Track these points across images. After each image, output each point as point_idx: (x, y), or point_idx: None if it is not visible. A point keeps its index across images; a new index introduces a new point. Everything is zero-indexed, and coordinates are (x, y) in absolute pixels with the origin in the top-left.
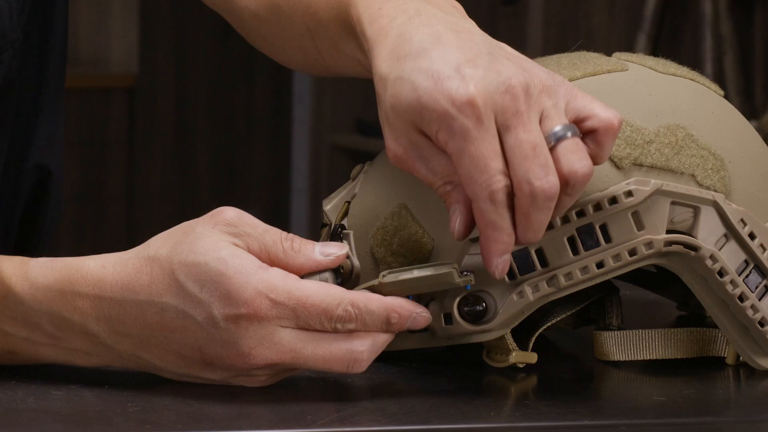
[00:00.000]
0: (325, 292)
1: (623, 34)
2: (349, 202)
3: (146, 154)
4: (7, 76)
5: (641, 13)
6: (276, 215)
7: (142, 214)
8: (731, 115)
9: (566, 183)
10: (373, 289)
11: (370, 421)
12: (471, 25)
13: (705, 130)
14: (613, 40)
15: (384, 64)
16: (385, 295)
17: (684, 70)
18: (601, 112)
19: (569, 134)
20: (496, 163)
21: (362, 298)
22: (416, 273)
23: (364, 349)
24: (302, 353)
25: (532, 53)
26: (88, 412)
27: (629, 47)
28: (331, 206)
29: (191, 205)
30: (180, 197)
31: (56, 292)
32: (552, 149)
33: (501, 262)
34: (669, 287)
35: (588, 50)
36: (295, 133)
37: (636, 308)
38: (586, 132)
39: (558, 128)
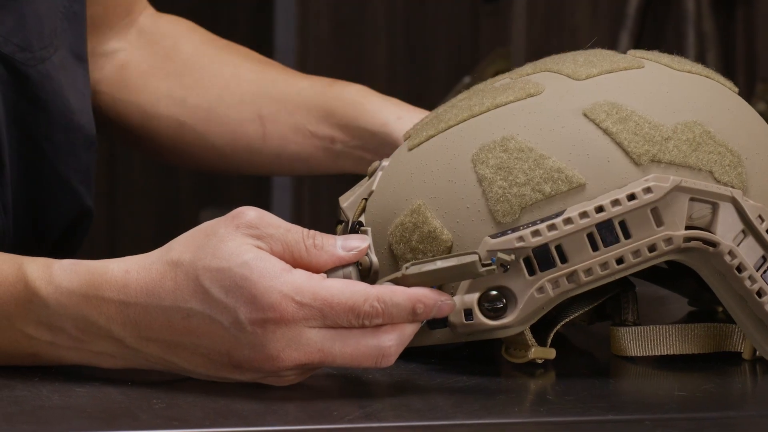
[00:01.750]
0: (350, 290)
1: (606, 32)
2: (366, 199)
3: (126, 152)
4: (39, 95)
5: (624, 11)
6: None
7: (123, 211)
8: (746, 112)
9: None
10: (396, 282)
11: (395, 416)
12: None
13: (721, 127)
14: (596, 38)
15: None
16: (408, 286)
17: (699, 67)
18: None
19: None
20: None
21: (387, 291)
22: (439, 264)
23: (391, 343)
24: (330, 352)
25: (515, 51)
26: (113, 409)
27: (612, 44)
28: (348, 203)
29: (171, 202)
30: (160, 194)
31: (81, 297)
32: None
33: None
34: (680, 282)
35: (571, 48)
36: None
37: (647, 304)
38: None
39: None
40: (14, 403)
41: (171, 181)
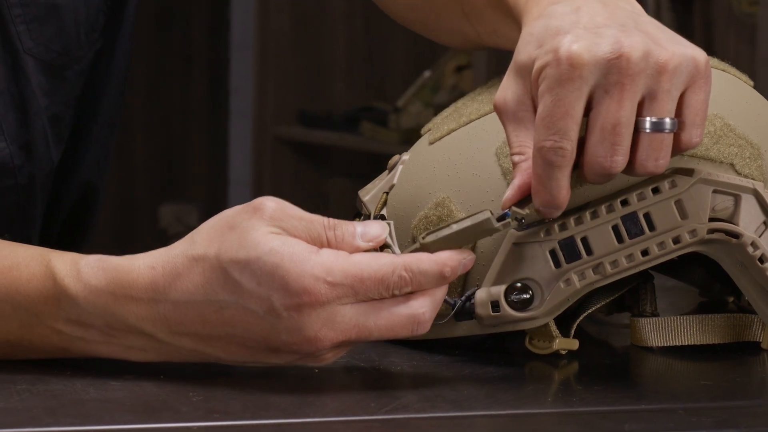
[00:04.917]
0: (377, 263)
1: None
2: (387, 193)
3: None
4: (73, 93)
5: None
6: (216, 208)
7: None
8: (763, 105)
9: (634, 170)
10: (416, 252)
11: (431, 407)
12: (625, 2)
13: (741, 120)
14: None
15: (525, 25)
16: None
17: (715, 61)
18: (695, 129)
19: (665, 129)
20: (561, 124)
21: (414, 260)
22: (455, 227)
23: (424, 309)
24: (366, 326)
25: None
26: (151, 402)
27: None
28: (369, 197)
29: (127, 198)
30: (116, 190)
31: (109, 295)
32: (641, 132)
33: (544, 209)
34: (689, 273)
35: None
36: (234, 125)
37: (657, 294)
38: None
39: (655, 119)
40: (52, 396)
41: (126, 176)
